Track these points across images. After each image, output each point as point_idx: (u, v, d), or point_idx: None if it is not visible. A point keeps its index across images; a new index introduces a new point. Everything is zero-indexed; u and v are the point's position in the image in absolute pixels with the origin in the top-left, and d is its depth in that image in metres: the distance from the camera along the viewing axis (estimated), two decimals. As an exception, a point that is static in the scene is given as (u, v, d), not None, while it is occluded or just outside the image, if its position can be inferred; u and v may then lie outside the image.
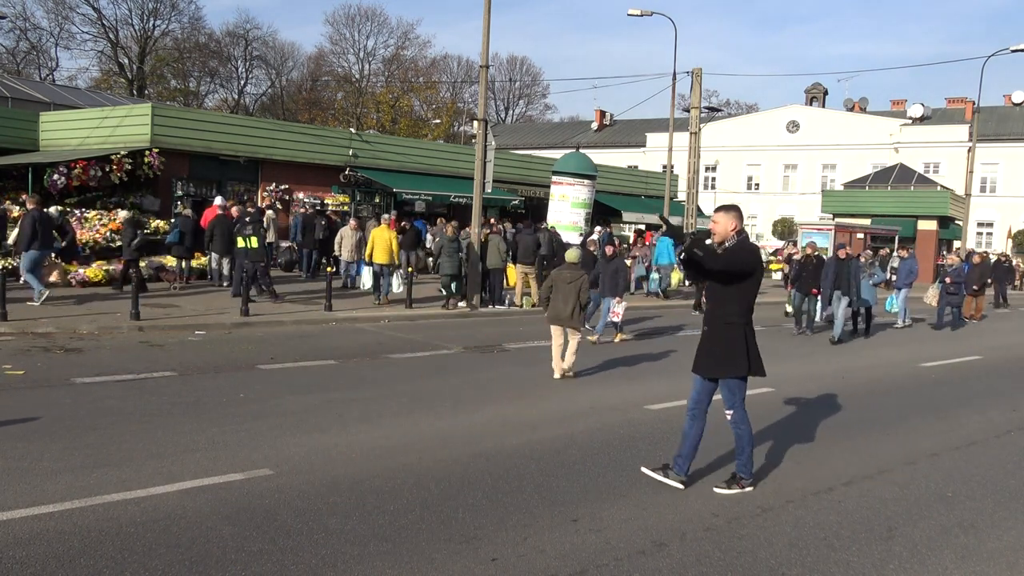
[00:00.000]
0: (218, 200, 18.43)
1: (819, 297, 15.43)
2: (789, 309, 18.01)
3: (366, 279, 17.76)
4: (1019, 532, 5.29)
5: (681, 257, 5.50)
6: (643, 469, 5.91)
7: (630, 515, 5.22)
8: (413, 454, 6.32)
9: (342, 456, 6.19)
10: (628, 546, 4.72)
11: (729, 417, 5.78)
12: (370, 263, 16.67)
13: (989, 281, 23.00)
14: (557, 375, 9.77)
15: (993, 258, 27.92)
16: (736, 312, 5.60)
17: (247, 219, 15.66)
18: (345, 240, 17.74)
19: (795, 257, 19.21)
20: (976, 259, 21.02)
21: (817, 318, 15.92)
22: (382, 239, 15.86)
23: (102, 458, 5.85)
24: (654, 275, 22.14)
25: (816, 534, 5.06)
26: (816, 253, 16.34)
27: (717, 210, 5.78)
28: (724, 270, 5.48)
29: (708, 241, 5.63)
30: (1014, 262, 32.77)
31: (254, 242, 14.93)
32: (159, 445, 6.21)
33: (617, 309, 12.89)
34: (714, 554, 4.65)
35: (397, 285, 16.58)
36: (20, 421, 6.79)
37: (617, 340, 13.14)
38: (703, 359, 5.73)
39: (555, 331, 9.80)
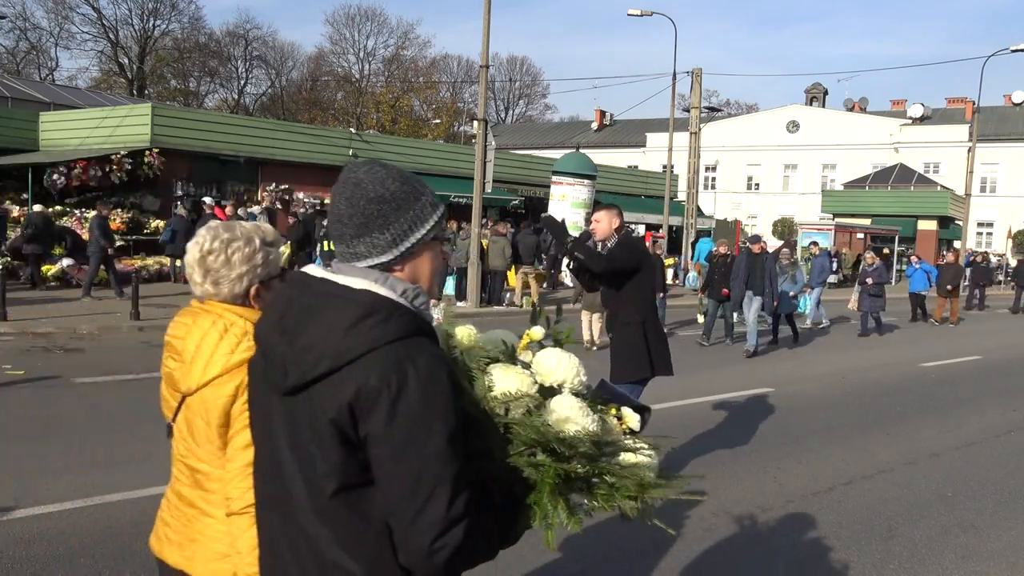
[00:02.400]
0: (207, 200, 18.69)
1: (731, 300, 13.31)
2: (701, 319, 15.50)
3: None
4: (1019, 532, 5.29)
5: (567, 262, 5.39)
6: None
7: (630, 515, 5.21)
8: (413, 454, 6.31)
9: (342, 456, 6.17)
10: (628, 546, 4.71)
11: None
12: None
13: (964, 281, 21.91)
14: (586, 344, 11.78)
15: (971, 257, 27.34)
16: (632, 311, 5.41)
17: (325, 223, 16.68)
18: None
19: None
20: (950, 257, 20.12)
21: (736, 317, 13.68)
22: None
23: (102, 458, 5.85)
24: (693, 273, 22.26)
25: (816, 534, 5.06)
26: (728, 252, 14.18)
27: (598, 209, 5.64)
28: (606, 270, 5.32)
29: (590, 241, 5.53)
30: (1013, 262, 32.44)
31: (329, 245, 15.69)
32: (159, 445, 6.17)
33: (435, 314, 11.32)
34: (714, 554, 4.64)
35: None
36: (20, 421, 6.80)
37: None
38: (613, 366, 5.50)
39: (584, 315, 11.61)
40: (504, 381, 1.70)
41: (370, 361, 1.48)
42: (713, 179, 53.09)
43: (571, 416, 1.69)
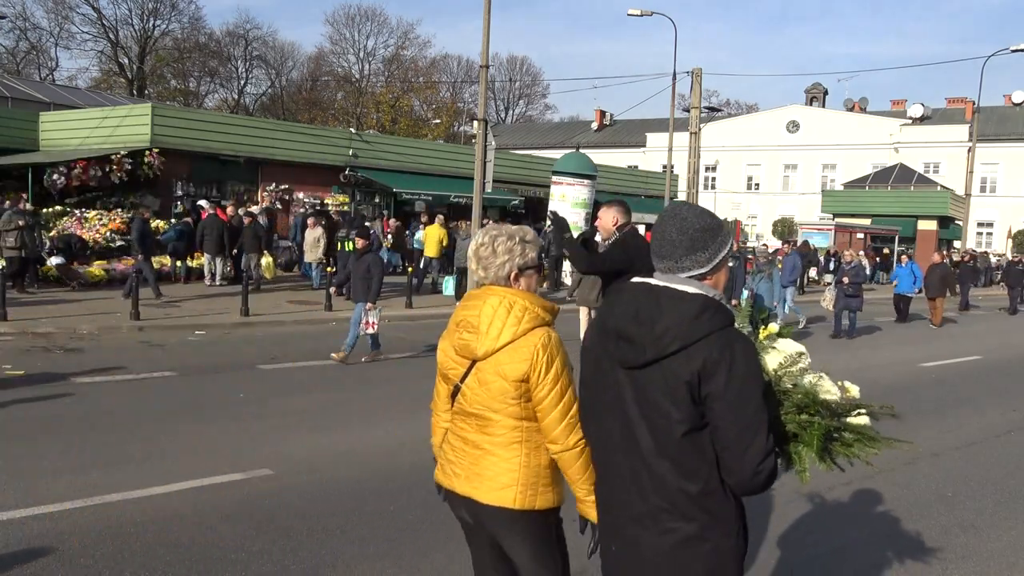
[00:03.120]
0: (203, 203, 18.67)
1: None
2: None
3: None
4: (1019, 532, 5.29)
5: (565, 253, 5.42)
6: None
7: (630, 515, 5.21)
8: (413, 454, 6.32)
9: (342, 456, 6.19)
10: (628, 546, 4.71)
11: None
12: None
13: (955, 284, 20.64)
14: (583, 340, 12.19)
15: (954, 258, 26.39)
16: None
17: (352, 224, 17.22)
18: (307, 238, 17.25)
19: None
20: (936, 258, 19.25)
21: None
22: (433, 236, 18.06)
23: (102, 458, 5.85)
24: None
25: (816, 534, 5.06)
26: None
27: (602, 205, 5.59)
28: (587, 271, 5.21)
29: (597, 236, 5.48)
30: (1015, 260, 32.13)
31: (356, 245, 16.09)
32: (159, 445, 6.21)
33: (370, 318, 9.94)
34: (714, 554, 4.64)
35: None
36: (20, 421, 6.80)
37: (365, 359, 10.21)
38: None
39: (583, 311, 12.27)
40: (779, 359, 2.43)
41: (710, 341, 2.16)
42: (713, 179, 53.08)
43: (830, 387, 2.41)
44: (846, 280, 15.14)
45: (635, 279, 2.38)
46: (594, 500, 2.57)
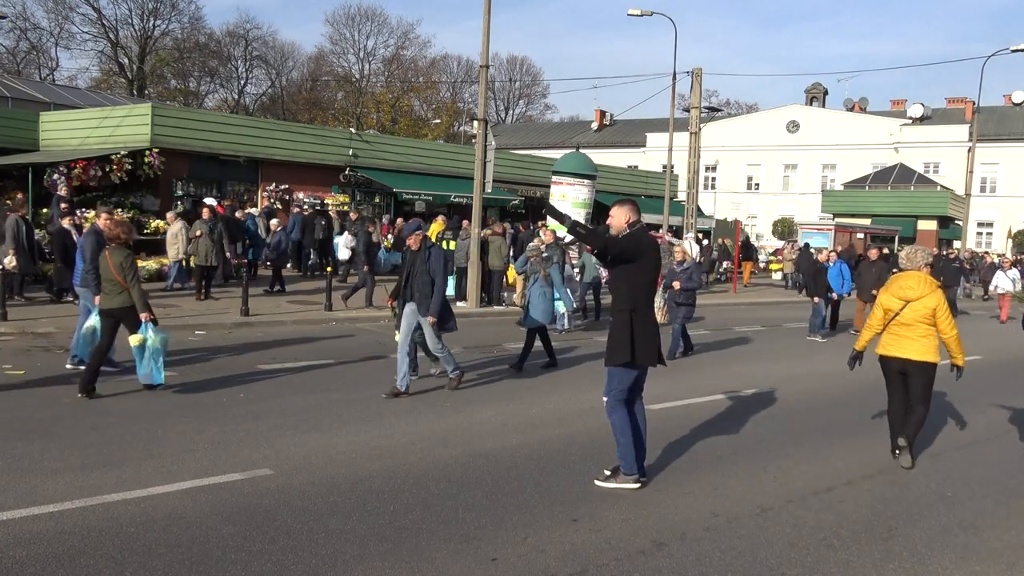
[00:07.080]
0: (210, 200, 18.59)
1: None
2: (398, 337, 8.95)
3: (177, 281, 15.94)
4: (1019, 532, 5.29)
5: (568, 239, 5.87)
6: (597, 482, 5.80)
7: (630, 515, 5.22)
8: (413, 454, 6.32)
9: (342, 456, 6.19)
10: (628, 546, 4.72)
11: (604, 404, 5.82)
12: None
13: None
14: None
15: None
16: (623, 299, 5.65)
17: (452, 224, 18.52)
18: (169, 236, 15.91)
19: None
20: (873, 254, 16.19)
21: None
22: (435, 231, 18.23)
23: (102, 458, 5.85)
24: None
25: (816, 534, 5.06)
26: (431, 243, 8.76)
27: (613, 204, 5.88)
28: (602, 251, 5.55)
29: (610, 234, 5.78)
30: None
31: (453, 244, 17.29)
32: (159, 445, 6.21)
33: None
34: (714, 554, 4.65)
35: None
36: (20, 421, 6.80)
37: None
38: (606, 348, 5.80)
39: None
40: None
41: None
42: (713, 179, 53.07)
43: None
44: (676, 285, 12.09)
45: None
46: (963, 358, 6.74)
